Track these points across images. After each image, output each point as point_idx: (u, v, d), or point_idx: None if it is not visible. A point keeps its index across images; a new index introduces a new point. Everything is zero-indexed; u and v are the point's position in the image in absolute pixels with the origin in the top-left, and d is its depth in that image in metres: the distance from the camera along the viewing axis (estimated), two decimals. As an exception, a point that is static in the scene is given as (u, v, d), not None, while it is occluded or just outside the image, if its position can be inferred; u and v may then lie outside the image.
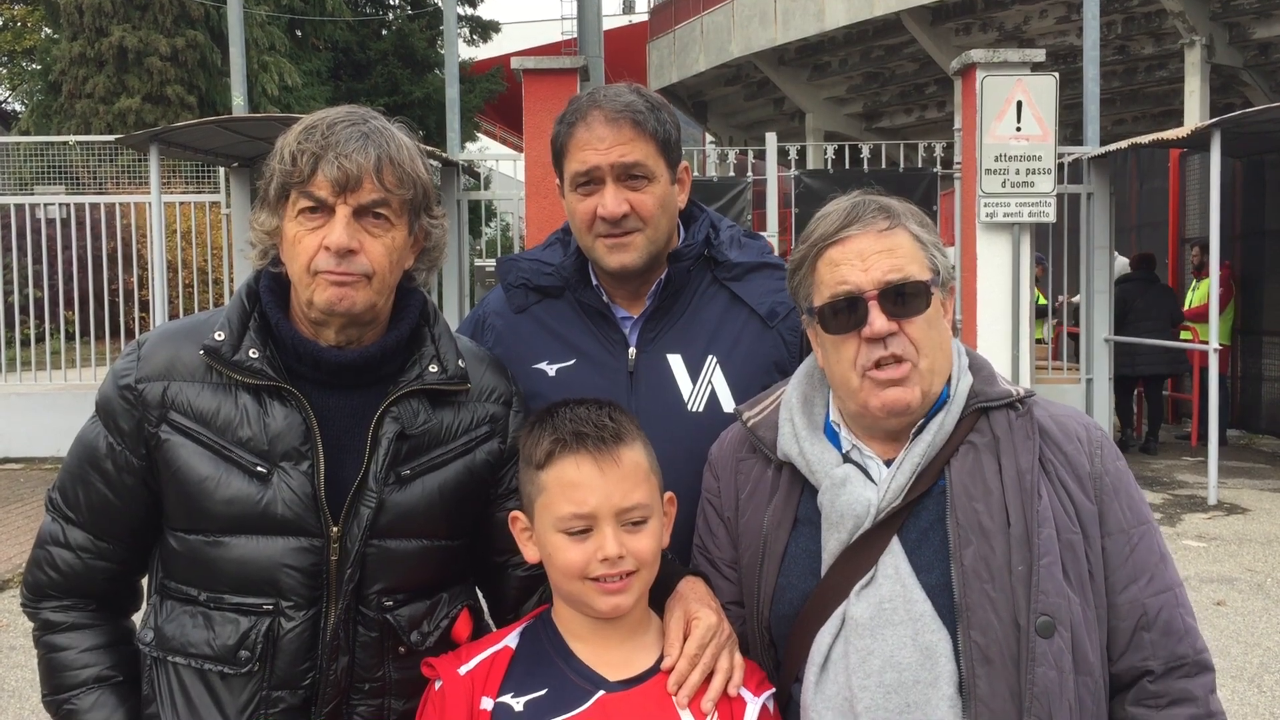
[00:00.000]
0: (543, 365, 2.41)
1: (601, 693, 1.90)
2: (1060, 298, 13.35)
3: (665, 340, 2.41)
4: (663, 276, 2.41)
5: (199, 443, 2.00)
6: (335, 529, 2.00)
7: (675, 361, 2.39)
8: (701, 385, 2.38)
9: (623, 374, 2.39)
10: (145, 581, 2.19)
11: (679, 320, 2.42)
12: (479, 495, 2.16)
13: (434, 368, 2.09)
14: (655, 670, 1.94)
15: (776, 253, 2.60)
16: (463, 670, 1.96)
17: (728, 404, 2.33)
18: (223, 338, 2.02)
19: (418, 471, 2.06)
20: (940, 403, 1.95)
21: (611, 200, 2.30)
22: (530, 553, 2.02)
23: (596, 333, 2.43)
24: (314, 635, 2.01)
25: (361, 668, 2.04)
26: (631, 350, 2.41)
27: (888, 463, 1.95)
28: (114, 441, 2.05)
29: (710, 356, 2.39)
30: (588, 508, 1.90)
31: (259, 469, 1.99)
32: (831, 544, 1.92)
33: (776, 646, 2.01)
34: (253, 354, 2.01)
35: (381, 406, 2.04)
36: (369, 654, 2.04)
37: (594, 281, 2.43)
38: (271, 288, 2.08)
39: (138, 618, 2.20)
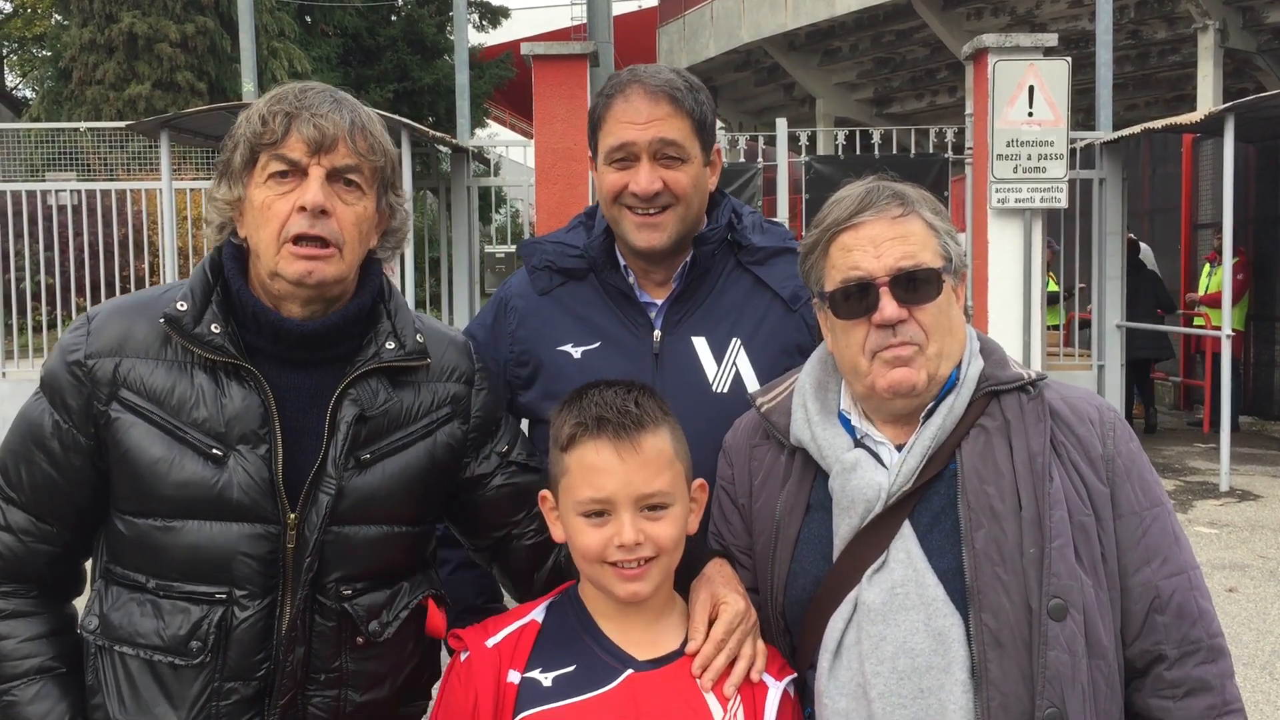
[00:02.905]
0: (567, 347, 2.42)
1: (630, 671, 1.92)
2: (1080, 286, 13.31)
3: (690, 323, 2.42)
4: (688, 259, 2.42)
5: (151, 422, 1.93)
6: (293, 515, 1.94)
7: (700, 344, 2.41)
8: (726, 367, 2.39)
9: (647, 356, 2.40)
10: (89, 565, 2.11)
11: (703, 303, 2.43)
12: (442, 478, 2.11)
13: (391, 344, 2.04)
14: (681, 651, 1.95)
15: None
16: (490, 643, 1.96)
17: (752, 385, 2.34)
18: (185, 308, 1.95)
19: (378, 455, 2.01)
20: (949, 386, 1.95)
21: (645, 178, 2.31)
22: (557, 532, 2.02)
23: (621, 315, 2.44)
24: (269, 625, 1.95)
25: (318, 658, 1.99)
26: (656, 333, 2.42)
27: (899, 447, 1.95)
28: (60, 419, 1.97)
29: (734, 339, 2.40)
30: (605, 493, 1.90)
31: (214, 451, 1.92)
32: (843, 529, 1.93)
33: (791, 632, 2.01)
34: (214, 329, 1.94)
35: (339, 388, 1.98)
36: (326, 644, 1.99)
37: (621, 263, 2.44)
38: (235, 256, 2.03)
39: (79, 603, 2.13)
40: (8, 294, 12.68)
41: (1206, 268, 13.51)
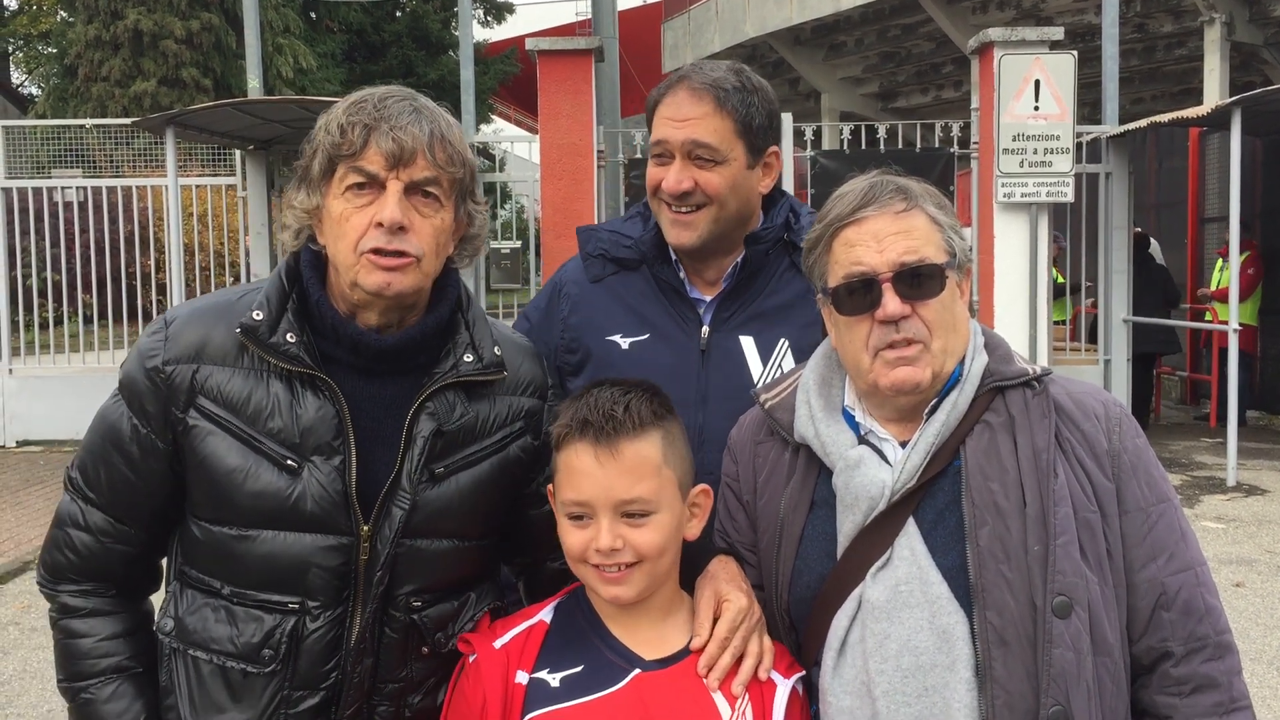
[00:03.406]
0: (616, 338, 2.43)
1: (637, 671, 1.91)
2: (1087, 285, 13.28)
3: (739, 321, 2.42)
4: (739, 259, 2.41)
5: (228, 431, 1.93)
6: (366, 528, 1.94)
7: (747, 343, 2.40)
8: (772, 368, 2.38)
9: (694, 352, 2.40)
10: (165, 563, 2.13)
11: (754, 302, 2.43)
12: (511, 493, 2.11)
13: (469, 357, 2.02)
14: (689, 650, 1.95)
15: None
16: (498, 644, 1.96)
17: None
18: (261, 317, 1.93)
19: (451, 469, 2.00)
20: (953, 382, 1.94)
21: (673, 177, 2.33)
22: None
23: (671, 309, 2.44)
24: (339, 636, 1.95)
25: (384, 669, 2.00)
26: (705, 329, 2.42)
27: (903, 444, 1.93)
28: (139, 424, 1.97)
29: (782, 340, 2.40)
30: (584, 496, 1.90)
31: (289, 462, 1.92)
32: (847, 526, 1.91)
33: (796, 630, 2.00)
34: (290, 338, 1.93)
35: (417, 401, 1.97)
36: (393, 655, 2.00)
37: (673, 258, 2.44)
38: (313, 264, 2.01)
39: (156, 599, 2.15)
40: (14, 291, 12.69)
41: (1219, 262, 13.43)
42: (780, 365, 2.38)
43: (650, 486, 1.91)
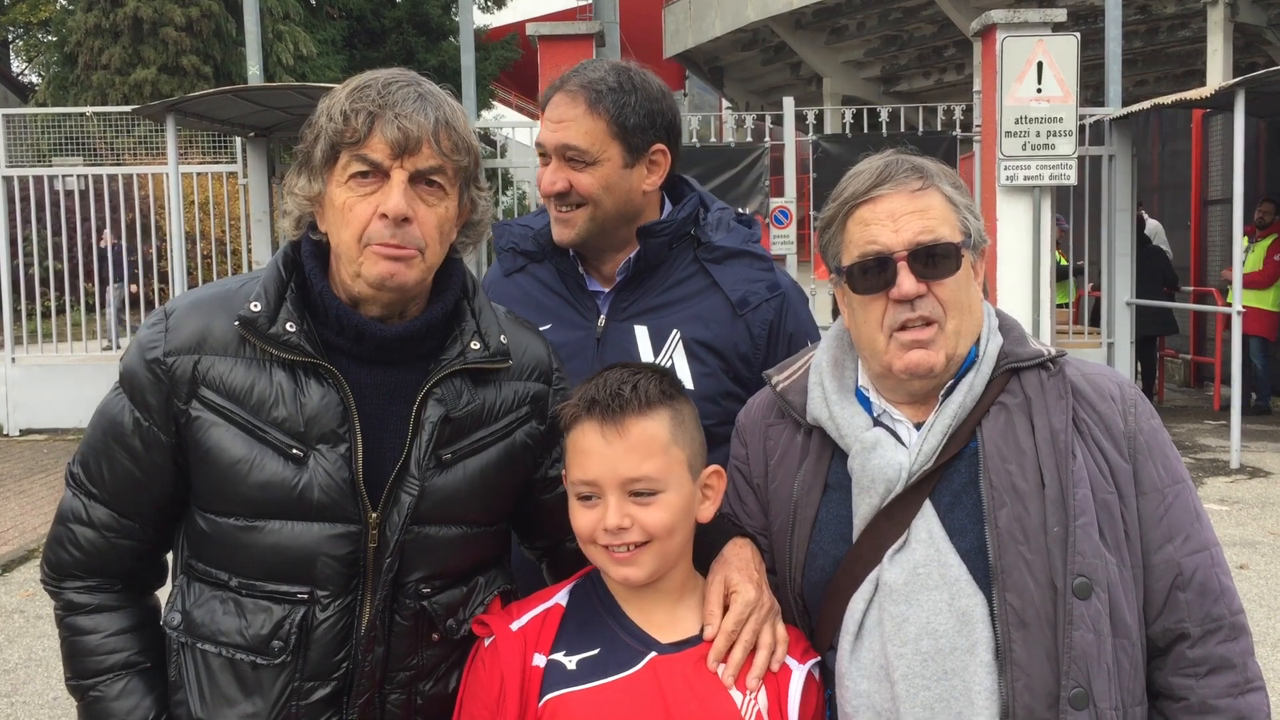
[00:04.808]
0: None
1: (653, 654, 1.91)
2: (1079, 266, 13.24)
3: (635, 311, 2.46)
4: (632, 255, 2.45)
5: (232, 422, 1.90)
6: (374, 515, 1.92)
7: (641, 333, 2.44)
8: (662, 358, 2.41)
9: (591, 339, 2.45)
10: (170, 557, 2.10)
11: (652, 293, 2.46)
12: (518, 478, 2.10)
13: (476, 344, 2.00)
14: (703, 635, 1.94)
15: (794, 223, 2.60)
16: (515, 626, 1.96)
17: (685, 381, 2.33)
18: (259, 308, 1.89)
19: (459, 455, 1.98)
20: (968, 364, 1.93)
21: (548, 178, 2.40)
22: None
23: (571, 299, 2.50)
24: (349, 625, 1.93)
25: (395, 657, 1.98)
26: (602, 318, 2.46)
27: (918, 426, 1.92)
28: (141, 417, 1.94)
29: (675, 331, 2.43)
30: (591, 475, 1.90)
31: (294, 451, 1.89)
32: (863, 509, 1.90)
33: (810, 614, 1.99)
34: (289, 327, 1.90)
35: (425, 388, 1.95)
36: (403, 643, 1.98)
37: (570, 251, 2.48)
38: (314, 254, 1.97)
39: (162, 593, 2.12)
40: (16, 280, 12.69)
41: (1244, 241, 13.28)
42: (671, 357, 2.40)
43: (657, 465, 1.90)
